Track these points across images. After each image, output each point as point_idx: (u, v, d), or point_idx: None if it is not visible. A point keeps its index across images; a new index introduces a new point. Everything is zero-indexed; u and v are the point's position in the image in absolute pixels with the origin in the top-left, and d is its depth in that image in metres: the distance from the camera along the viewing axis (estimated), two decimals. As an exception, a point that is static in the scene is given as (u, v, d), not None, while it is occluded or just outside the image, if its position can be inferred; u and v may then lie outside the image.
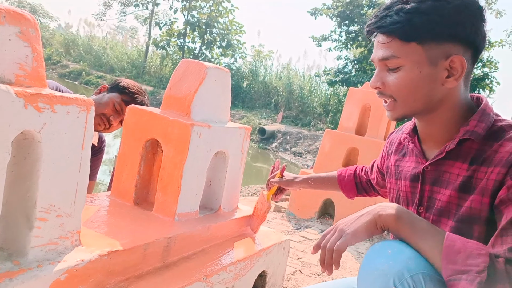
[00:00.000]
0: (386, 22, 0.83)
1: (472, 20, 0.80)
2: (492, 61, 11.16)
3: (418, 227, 0.79)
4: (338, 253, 0.83)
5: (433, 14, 0.79)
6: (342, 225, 0.87)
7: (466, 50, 0.82)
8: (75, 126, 0.94)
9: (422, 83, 0.83)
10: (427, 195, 0.92)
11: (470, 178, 0.83)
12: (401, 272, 0.72)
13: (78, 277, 0.95)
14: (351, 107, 3.16)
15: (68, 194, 0.96)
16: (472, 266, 0.69)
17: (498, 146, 0.80)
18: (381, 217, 0.82)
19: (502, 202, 0.76)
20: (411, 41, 0.81)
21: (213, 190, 1.62)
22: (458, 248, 0.72)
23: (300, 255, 2.35)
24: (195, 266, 1.29)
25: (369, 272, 0.76)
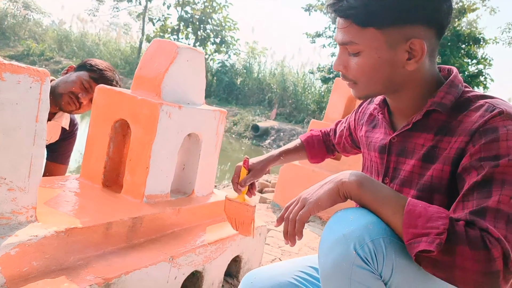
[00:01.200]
0: (343, 6, 0.81)
1: (432, 0, 0.79)
2: (486, 58, 11.20)
3: (380, 194, 0.77)
4: (300, 222, 0.81)
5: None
6: (305, 194, 0.85)
7: (427, 29, 0.80)
8: (27, 97, 0.91)
9: (382, 68, 0.83)
10: (393, 166, 0.91)
11: (434, 148, 0.82)
12: (362, 236, 0.71)
13: (31, 253, 0.93)
14: (337, 98, 3.14)
15: (21, 168, 0.93)
16: (432, 229, 0.68)
17: (463, 116, 0.80)
18: (344, 185, 0.80)
19: (464, 170, 0.76)
20: (369, 26, 0.80)
21: (186, 173, 1.59)
22: (418, 212, 0.71)
23: (281, 244, 2.33)
24: (162, 247, 1.27)
25: (330, 237, 0.74)
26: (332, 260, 0.73)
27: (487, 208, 0.69)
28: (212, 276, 1.44)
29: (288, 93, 14.85)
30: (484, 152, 0.73)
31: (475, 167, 0.74)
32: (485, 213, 0.69)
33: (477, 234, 0.67)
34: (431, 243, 0.67)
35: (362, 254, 0.70)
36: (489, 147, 0.73)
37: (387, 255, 0.71)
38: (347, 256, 0.70)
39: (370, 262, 0.71)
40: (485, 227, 0.67)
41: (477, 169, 0.73)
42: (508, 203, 0.68)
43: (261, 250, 1.76)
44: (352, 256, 0.70)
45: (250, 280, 0.99)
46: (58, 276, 0.96)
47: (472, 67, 11.21)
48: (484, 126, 0.75)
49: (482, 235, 0.66)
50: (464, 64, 11.00)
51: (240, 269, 1.64)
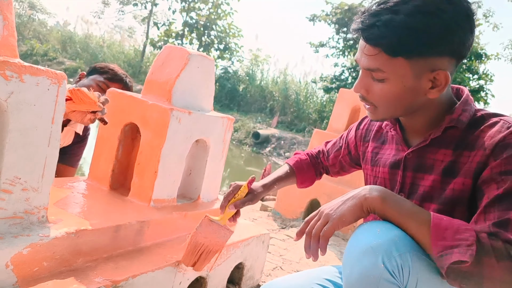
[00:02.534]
0: (374, 34, 0.81)
1: (460, 34, 0.80)
2: (488, 74, 11.27)
3: (404, 208, 0.78)
4: (325, 238, 0.81)
5: (422, 31, 0.77)
6: (328, 209, 0.84)
7: (451, 60, 0.83)
8: (45, 99, 0.92)
9: (405, 95, 0.85)
10: (409, 182, 0.92)
11: (454, 162, 0.84)
12: (390, 250, 0.71)
13: (42, 253, 0.94)
14: (341, 108, 3.16)
15: (35, 168, 0.94)
16: (462, 241, 0.70)
17: (479, 132, 0.83)
18: (367, 200, 0.81)
19: (484, 182, 0.78)
20: (398, 56, 0.80)
21: (192, 179, 1.60)
22: (445, 225, 0.73)
23: (282, 252, 2.33)
24: (169, 252, 1.27)
25: (357, 249, 0.75)
26: (359, 271, 0.73)
27: (509, 220, 0.72)
28: (215, 283, 1.45)
29: (290, 102, 14.90)
30: (505, 166, 0.76)
31: (495, 180, 0.76)
32: (507, 225, 0.71)
33: (500, 245, 0.69)
34: (464, 254, 0.69)
35: (390, 268, 0.71)
36: (510, 161, 0.76)
37: (413, 270, 0.72)
38: (375, 269, 0.71)
39: (396, 276, 0.71)
40: (507, 238, 0.70)
41: (497, 182, 0.76)
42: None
43: (264, 258, 1.77)
44: (380, 269, 0.71)
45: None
46: (67, 277, 0.96)
47: (474, 82, 11.27)
48: (504, 141, 0.78)
49: (505, 246, 0.69)
50: (465, 79, 11.06)
51: (243, 276, 1.65)
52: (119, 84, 1.81)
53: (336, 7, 12.91)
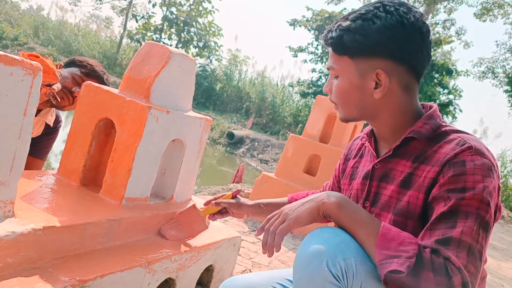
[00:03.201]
0: (327, 36, 0.94)
1: (394, 38, 0.87)
2: (457, 89, 11.72)
3: (357, 216, 0.81)
4: (280, 236, 0.85)
5: (359, 33, 0.88)
6: (287, 209, 0.89)
7: (395, 64, 0.89)
8: (18, 89, 0.89)
9: (353, 92, 0.92)
10: (374, 191, 0.96)
11: (411, 174, 0.87)
12: (335, 254, 0.75)
13: (7, 249, 0.90)
14: (317, 115, 3.20)
15: (4, 161, 0.90)
16: (403, 252, 0.73)
17: (438, 147, 0.86)
18: (324, 204, 0.84)
19: (434, 199, 0.81)
20: (343, 55, 0.92)
21: (166, 178, 1.58)
22: (392, 236, 0.76)
23: (252, 255, 2.34)
24: (139, 252, 1.25)
25: (305, 253, 0.78)
26: (306, 276, 0.77)
27: (451, 238, 0.74)
28: (184, 284, 1.43)
29: (266, 104, 14.97)
30: (452, 184, 0.79)
31: (443, 198, 0.79)
32: (449, 243, 0.74)
33: (441, 261, 0.72)
34: (401, 265, 0.72)
35: (334, 271, 0.74)
36: (456, 180, 0.79)
37: (357, 274, 0.75)
38: (320, 272, 0.75)
39: (340, 279, 0.75)
40: (447, 256, 0.73)
41: (444, 200, 0.79)
42: (470, 234, 0.74)
43: (234, 260, 1.77)
44: (325, 272, 0.74)
45: (228, 287, 1.01)
46: (32, 275, 0.93)
47: (443, 96, 11.69)
48: (453, 159, 0.81)
49: (445, 263, 0.72)
50: (436, 92, 11.46)
51: (212, 279, 1.64)
52: (96, 81, 1.77)
53: (316, 14, 13.10)
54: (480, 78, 12.32)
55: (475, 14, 11.39)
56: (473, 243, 0.74)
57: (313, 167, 3.16)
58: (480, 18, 11.32)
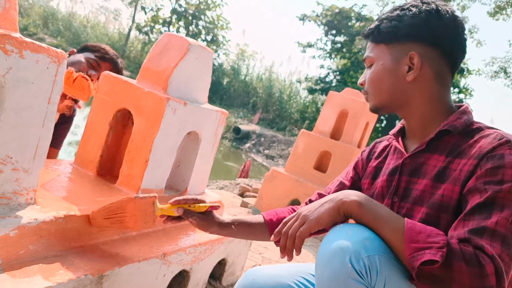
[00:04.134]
0: (367, 31, 1.00)
1: (429, 22, 0.91)
2: (468, 88, 11.59)
3: (379, 213, 0.81)
4: (300, 239, 0.84)
5: (395, 21, 0.94)
6: (306, 211, 0.87)
7: (429, 49, 0.92)
8: (43, 77, 0.89)
9: (385, 76, 0.95)
10: (404, 186, 0.95)
11: (445, 168, 0.87)
12: (358, 251, 0.73)
13: (29, 236, 0.90)
14: (328, 111, 3.18)
15: (28, 148, 0.91)
16: (434, 243, 0.72)
17: (473, 141, 0.86)
18: (344, 204, 0.83)
19: (469, 191, 0.80)
20: (380, 42, 0.96)
21: (181, 171, 1.58)
22: (418, 229, 0.76)
23: (262, 250, 2.34)
24: (154, 243, 1.25)
25: (328, 249, 0.77)
26: (329, 272, 0.75)
27: (485, 228, 0.74)
28: (197, 277, 1.44)
29: (273, 99, 14.92)
30: (489, 176, 0.79)
31: (479, 190, 0.79)
32: (483, 233, 0.74)
33: (471, 251, 0.72)
34: (435, 255, 0.71)
35: (357, 268, 0.73)
36: (494, 172, 0.79)
37: (381, 271, 0.74)
38: (343, 269, 0.73)
39: (364, 276, 0.73)
40: (480, 245, 0.72)
41: (480, 192, 0.78)
42: (505, 225, 0.74)
43: (246, 255, 1.77)
44: (348, 269, 0.73)
45: (252, 277, 0.99)
46: (53, 262, 0.93)
47: (454, 95, 11.58)
48: (492, 152, 0.81)
49: (475, 252, 0.71)
50: (445, 91, 11.33)
51: (224, 272, 1.64)
52: (110, 64, 1.78)
53: (326, 9, 12.99)
54: (492, 77, 12.17)
55: (488, 13, 11.23)
56: (508, 234, 0.73)
57: (324, 163, 3.15)
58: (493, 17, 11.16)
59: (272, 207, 3.13)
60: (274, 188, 3.11)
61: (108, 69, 1.75)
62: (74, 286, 0.92)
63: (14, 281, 0.83)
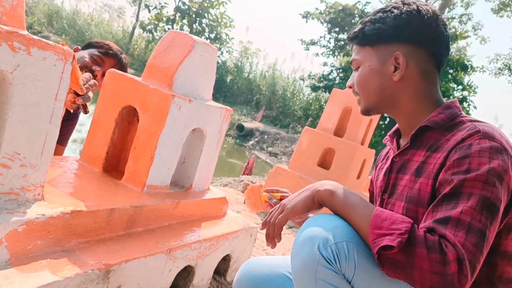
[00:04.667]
0: (351, 34, 1.01)
1: (411, 22, 0.92)
2: (472, 85, 11.53)
3: (350, 201, 0.83)
4: (278, 225, 0.89)
5: (378, 23, 0.95)
6: (285, 200, 0.93)
7: (413, 49, 0.93)
8: (50, 74, 0.90)
9: (372, 77, 0.96)
10: (392, 182, 0.97)
11: (423, 163, 0.89)
12: (327, 238, 0.76)
13: (37, 232, 0.91)
14: (332, 108, 3.19)
15: (35, 144, 0.92)
16: (395, 230, 0.74)
17: (451, 135, 0.87)
18: (318, 192, 0.87)
19: (440, 184, 0.81)
20: (365, 45, 0.98)
21: (186, 167, 1.59)
22: (384, 216, 0.77)
23: (266, 246, 2.35)
24: (160, 239, 1.26)
25: (300, 238, 0.81)
26: (300, 260, 0.79)
27: (450, 217, 0.74)
28: (202, 272, 1.45)
29: (276, 97, 14.92)
30: (457, 167, 0.79)
31: (447, 181, 0.79)
32: (448, 222, 0.74)
33: (435, 239, 0.73)
34: (392, 241, 0.73)
35: (325, 254, 0.76)
36: (461, 162, 0.79)
37: (349, 257, 0.76)
38: (312, 256, 0.77)
39: (332, 262, 0.76)
40: (443, 233, 0.73)
41: (448, 183, 0.79)
42: (471, 214, 0.74)
43: (250, 251, 1.78)
44: (316, 256, 0.76)
45: (249, 265, 1.04)
46: (61, 257, 0.94)
47: (458, 92, 11.53)
48: (461, 143, 0.82)
49: (440, 240, 0.72)
50: (450, 88, 11.30)
51: (229, 268, 1.65)
52: (114, 59, 1.78)
53: (330, 6, 12.95)
54: (496, 74, 12.10)
55: (492, 9, 11.17)
56: (473, 223, 0.73)
57: (327, 160, 3.16)
58: (498, 14, 11.08)
59: (276, 204, 3.14)
60: (277, 185, 3.11)
61: (112, 64, 1.76)
62: (81, 281, 0.93)
63: (23, 276, 0.84)
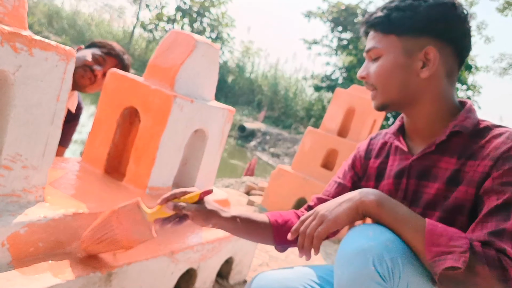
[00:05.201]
0: (371, 19, 0.92)
1: (446, 17, 0.86)
2: (476, 85, 11.50)
3: (399, 213, 0.79)
4: (319, 239, 0.83)
5: (409, 11, 0.87)
6: (323, 211, 0.85)
7: (443, 45, 0.87)
8: (52, 75, 0.89)
9: (397, 71, 0.89)
10: (413, 189, 0.92)
11: (458, 171, 0.85)
12: (381, 253, 0.72)
13: (39, 234, 0.91)
14: (335, 108, 3.17)
15: (37, 146, 0.91)
16: (456, 247, 0.71)
17: (485, 142, 0.84)
18: (363, 203, 0.82)
19: (485, 192, 0.79)
20: (390, 33, 0.89)
21: (188, 169, 1.58)
22: (440, 231, 0.74)
23: (269, 248, 2.33)
24: (162, 241, 1.25)
25: (349, 250, 0.75)
26: (349, 273, 0.74)
27: (505, 230, 0.73)
28: (205, 275, 1.44)
29: (278, 97, 14.90)
30: (506, 177, 0.78)
31: (496, 191, 0.77)
32: (503, 235, 0.72)
33: (493, 254, 0.71)
34: (457, 261, 0.69)
35: (380, 271, 0.71)
36: (511, 173, 0.77)
37: (403, 274, 0.73)
38: (366, 271, 0.72)
39: (387, 279, 0.72)
40: (502, 247, 0.71)
41: (498, 193, 0.77)
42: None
43: (253, 253, 1.76)
44: (371, 272, 0.71)
45: (260, 283, 0.95)
46: (62, 259, 0.94)
47: (461, 92, 11.48)
48: (508, 152, 0.80)
49: (498, 255, 0.70)
50: (452, 88, 11.24)
51: (231, 271, 1.64)
52: (116, 60, 1.78)
53: (333, 6, 12.92)
54: (500, 74, 12.06)
55: (497, 9, 11.12)
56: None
57: (330, 161, 3.14)
58: (502, 13, 11.03)
59: (279, 205, 3.13)
60: (280, 186, 3.10)
61: (114, 64, 1.75)
62: (83, 284, 0.92)
63: (25, 278, 0.83)
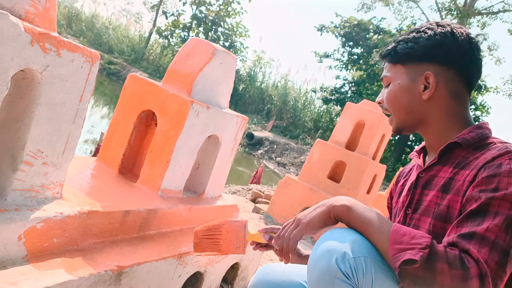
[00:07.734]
0: (384, 52, 1.04)
1: (443, 43, 0.94)
2: (485, 105, 11.44)
3: (367, 217, 0.83)
4: (293, 241, 0.89)
5: (411, 42, 0.97)
6: (300, 215, 0.92)
7: (444, 69, 0.94)
8: (77, 76, 0.92)
9: (403, 95, 0.98)
10: (417, 198, 0.97)
11: (451, 180, 0.89)
12: (345, 252, 0.76)
13: (54, 229, 0.93)
14: (345, 121, 3.18)
15: (58, 144, 0.93)
16: (416, 245, 0.74)
17: (480, 154, 0.88)
18: (334, 208, 0.87)
19: (466, 200, 0.82)
20: (397, 63, 0.99)
21: (200, 173, 1.60)
22: (404, 232, 0.77)
23: (273, 256, 2.34)
24: (172, 243, 1.27)
25: (317, 251, 0.80)
26: (317, 272, 0.78)
27: (475, 233, 0.75)
28: (211, 279, 1.45)
29: (287, 107, 14.93)
30: (485, 184, 0.80)
31: (474, 198, 0.80)
32: (472, 237, 0.74)
33: (456, 253, 0.72)
34: (415, 255, 0.72)
35: (343, 269, 0.75)
36: (490, 181, 0.79)
37: (367, 273, 0.76)
38: (330, 269, 0.76)
39: (350, 276, 0.76)
40: (466, 248, 0.73)
41: (475, 200, 0.79)
42: (496, 232, 0.74)
43: (258, 260, 1.77)
44: (334, 270, 0.76)
45: (266, 271, 1.03)
46: (75, 256, 0.95)
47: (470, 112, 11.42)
48: (491, 162, 0.82)
49: (461, 255, 0.72)
50: (463, 107, 11.19)
51: (236, 277, 1.65)
52: None
53: (345, 21, 13.00)
54: (510, 95, 11.99)
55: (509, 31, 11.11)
56: (498, 241, 0.73)
57: (338, 173, 3.14)
58: (514, 34, 11.02)
59: (284, 213, 3.13)
60: (287, 196, 3.11)
61: None
62: (94, 281, 0.93)
63: (39, 273, 0.85)
